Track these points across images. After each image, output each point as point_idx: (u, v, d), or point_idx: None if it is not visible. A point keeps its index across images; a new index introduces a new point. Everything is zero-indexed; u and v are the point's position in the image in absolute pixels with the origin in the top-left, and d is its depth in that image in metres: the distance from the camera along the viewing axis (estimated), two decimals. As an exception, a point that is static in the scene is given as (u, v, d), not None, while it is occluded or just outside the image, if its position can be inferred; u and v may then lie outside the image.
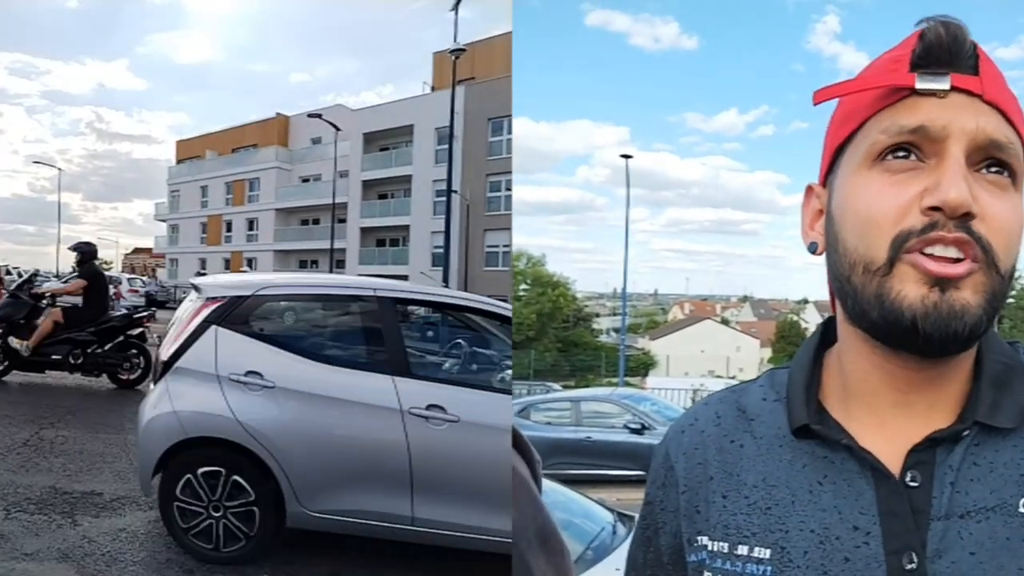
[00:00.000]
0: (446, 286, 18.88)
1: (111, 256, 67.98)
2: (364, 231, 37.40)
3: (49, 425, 7.56)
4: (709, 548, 1.11)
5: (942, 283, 0.93)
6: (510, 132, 32.24)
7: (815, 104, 1.03)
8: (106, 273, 12.42)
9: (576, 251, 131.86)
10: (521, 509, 1.18)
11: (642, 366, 55.67)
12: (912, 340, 0.94)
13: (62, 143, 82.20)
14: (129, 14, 74.45)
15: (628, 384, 38.30)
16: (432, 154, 33.81)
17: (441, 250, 21.00)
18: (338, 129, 35.38)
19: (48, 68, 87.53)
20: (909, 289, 0.94)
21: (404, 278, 33.41)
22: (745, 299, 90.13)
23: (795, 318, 69.95)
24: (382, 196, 37.45)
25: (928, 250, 0.93)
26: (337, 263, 35.49)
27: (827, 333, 1.15)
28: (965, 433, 1.00)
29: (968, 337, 0.94)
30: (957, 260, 0.92)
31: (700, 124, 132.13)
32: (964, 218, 0.93)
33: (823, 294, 1.15)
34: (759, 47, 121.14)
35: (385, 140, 37.31)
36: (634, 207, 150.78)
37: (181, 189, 45.22)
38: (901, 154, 0.97)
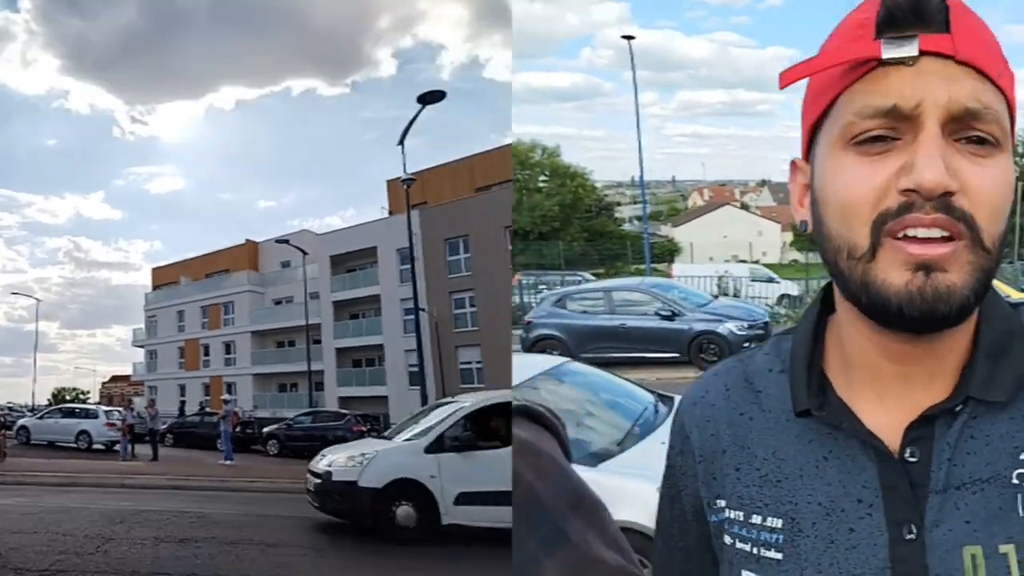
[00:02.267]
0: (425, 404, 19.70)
1: (88, 385, 67.65)
2: (340, 352, 38.04)
3: None
4: (727, 515, 1.18)
5: (927, 266, 0.93)
6: (467, 251, 33.43)
7: (781, 87, 1.02)
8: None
9: (589, 139, 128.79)
10: (550, 483, 1.19)
11: (667, 253, 55.29)
12: (900, 323, 0.96)
13: (40, 272, 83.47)
14: (105, 150, 76.76)
15: (655, 271, 38.43)
16: (396, 274, 34.71)
17: (416, 369, 21.80)
18: (305, 253, 36.62)
19: (28, 201, 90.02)
20: (893, 276, 0.94)
21: (383, 399, 34.37)
22: (763, 183, 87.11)
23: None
24: (354, 316, 38.16)
25: (910, 232, 0.93)
26: (316, 385, 35.99)
27: (827, 299, 1.15)
28: (959, 408, 1.03)
29: (957, 316, 0.95)
30: (941, 239, 0.93)
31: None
32: (943, 197, 0.92)
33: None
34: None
35: (351, 262, 38.29)
36: (643, 91, 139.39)
37: (158, 315, 45.67)
38: (876, 133, 0.96)
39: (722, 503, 1.19)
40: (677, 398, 8.59)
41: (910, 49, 0.94)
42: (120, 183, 75.47)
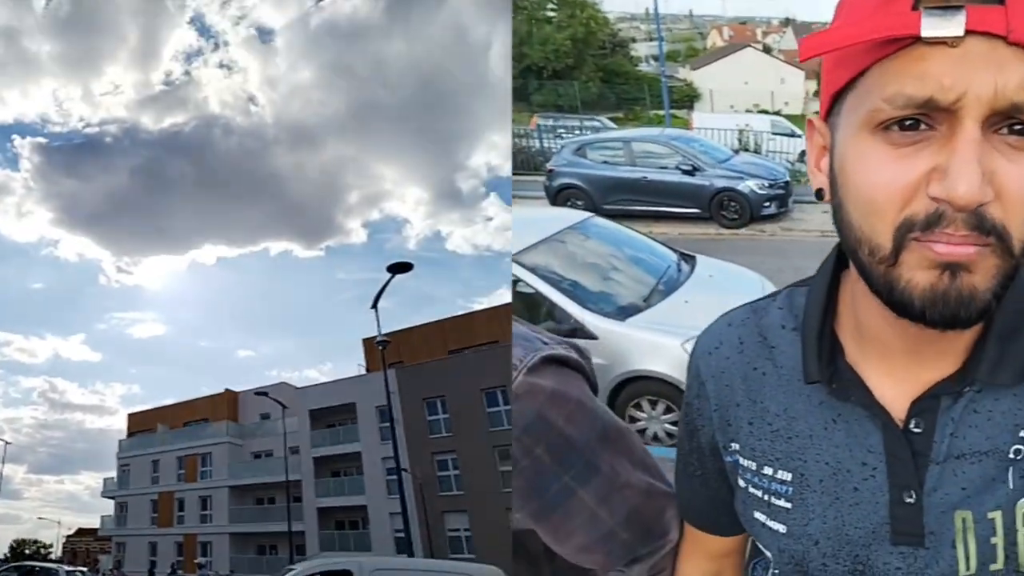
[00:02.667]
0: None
1: (50, 538, 64.46)
2: (321, 512, 36.66)
3: None
4: (741, 461, 1.26)
5: (952, 267, 0.88)
6: (446, 412, 33.01)
7: (802, 60, 0.94)
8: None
9: None
10: (579, 426, 1.33)
11: (686, 98, 51.84)
12: (920, 321, 0.93)
13: (12, 412, 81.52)
14: (89, 295, 78.42)
15: (674, 118, 36.70)
16: (377, 431, 34.35)
17: (403, 535, 21.06)
18: (285, 407, 36.21)
19: (7, 340, 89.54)
20: (918, 277, 0.91)
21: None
22: (787, 22, 79.24)
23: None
24: (335, 473, 37.18)
25: (935, 240, 0.88)
26: (297, 548, 34.33)
27: (842, 255, 1.12)
28: (966, 390, 1.06)
29: (977, 318, 0.92)
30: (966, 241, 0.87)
31: None
32: (976, 208, 0.86)
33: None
34: None
35: (331, 417, 37.65)
36: None
37: (131, 464, 43.94)
38: (908, 122, 0.88)
39: (736, 446, 1.27)
40: (699, 258, 8.81)
41: (954, 26, 0.83)
42: (102, 327, 76.23)
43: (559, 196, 16.80)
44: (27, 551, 54.35)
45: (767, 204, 16.22)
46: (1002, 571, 1.06)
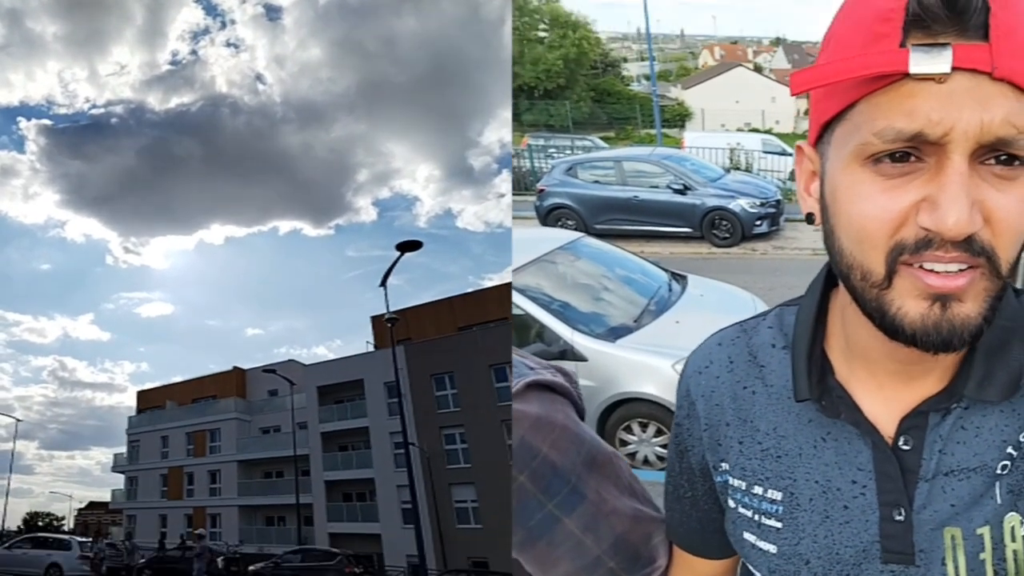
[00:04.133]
0: (421, 544, 19.12)
1: (63, 511, 65.23)
2: (329, 485, 36.98)
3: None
4: (730, 481, 1.26)
5: (943, 298, 0.91)
6: (454, 387, 33.18)
7: (793, 95, 0.95)
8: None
9: None
10: (565, 452, 1.31)
11: (677, 117, 52.86)
12: (912, 345, 0.94)
13: (23, 391, 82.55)
14: (97, 276, 78.58)
15: (666, 137, 36.96)
16: (385, 407, 34.38)
17: (409, 506, 21.17)
18: (292, 383, 36.58)
19: (16, 320, 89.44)
20: (910, 305, 0.92)
21: (376, 537, 33.17)
22: (778, 42, 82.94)
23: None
24: (343, 448, 37.39)
25: (927, 265, 0.90)
26: (305, 520, 34.98)
27: (832, 274, 1.13)
28: (954, 407, 1.06)
29: (969, 342, 0.94)
30: (958, 271, 0.89)
31: None
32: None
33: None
34: None
35: (339, 393, 37.80)
36: None
37: (141, 439, 44.38)
38: (897, 154, 0.90)
39: (726, 466, 1.27)
40: (690, 277, 8.79)
41: (941, 63, 0.85)
42: (110, 306, 76.44)
43: (549, 216, 16.88)
44: (40, 523, 54.98)
45: (759, 223, 16.33)
46: None
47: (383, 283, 20.53)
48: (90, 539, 29.92)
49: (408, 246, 19.07)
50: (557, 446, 1.30)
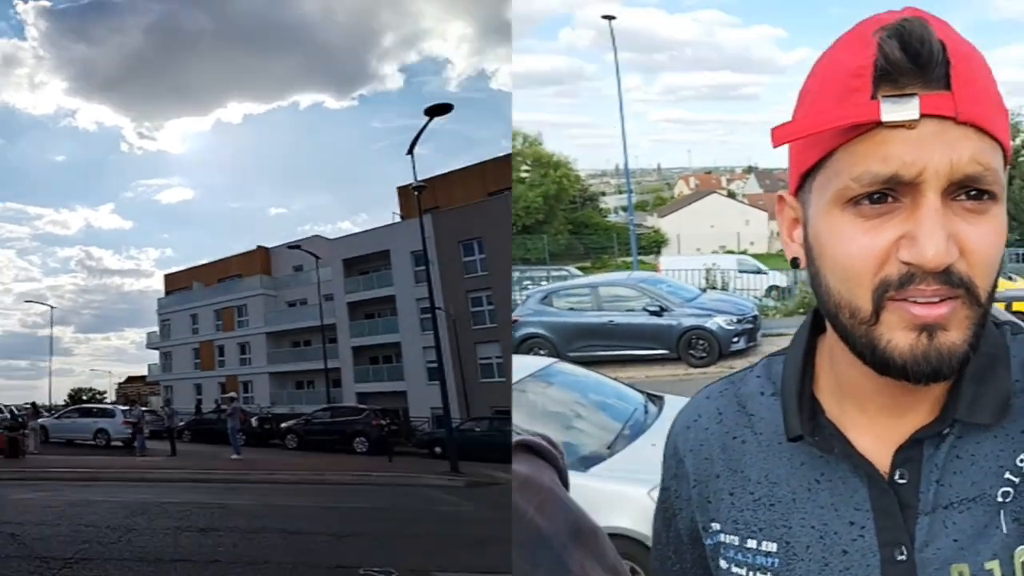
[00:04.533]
0: (446, 396, 19.64)
1: (104, 386, 67.77)
2: (356, 350, 37.92)
3: None
4: (722, 539, 1.20)
5: (929, 327, 0.94)
6: (482, 252, 33.37)
7: (774, 147, 1.01)
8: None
9: (573, 126, 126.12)
10: (551, 518, 1.25)
11: (654, 244, 55.45)
12: (903, 378, 0.97)
13: (53, 281, 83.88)
14: (113, 164, 77.36)
15: (642, 263, 38.76)
16: (411, 275, 34.65)
17: (435, 365, 21.68)
18: (318, 258, 36.85)
19: (38, 214, 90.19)
20: (898, 338, 0.96)
21: (402, 394, 34.34)
22: (750, 170, 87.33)
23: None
24: (369, 316, 38.09)
25: (911, 297, 0.94)
26: (333, 382, 36.19)
27: (817, 321, 1.17)
28: (947, 432, 1.06)
29: (957, 370, 0.97)
30: (940, 301, 0.94)
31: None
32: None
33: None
34: None
35: (364, 265, 38.21)
36: (626, 74, 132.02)
37: (172, 318, 45.64)
38: (875, 196, 0.95)
39: (717, 526, 1.21)
40: (667, 397, 8.55)
41: (910, 111, 0.92)
42: (129, 195, 75.91)
43: (522, 346, 16.58)
44: (84, 398, 56.95)
45: (735, 339, 16.20)
46: None
47: (410, 151, 20.55)
48: (131, 407, 31.41)
49: (437, 110, 18.89)
50: (543, 510, 1.25)
